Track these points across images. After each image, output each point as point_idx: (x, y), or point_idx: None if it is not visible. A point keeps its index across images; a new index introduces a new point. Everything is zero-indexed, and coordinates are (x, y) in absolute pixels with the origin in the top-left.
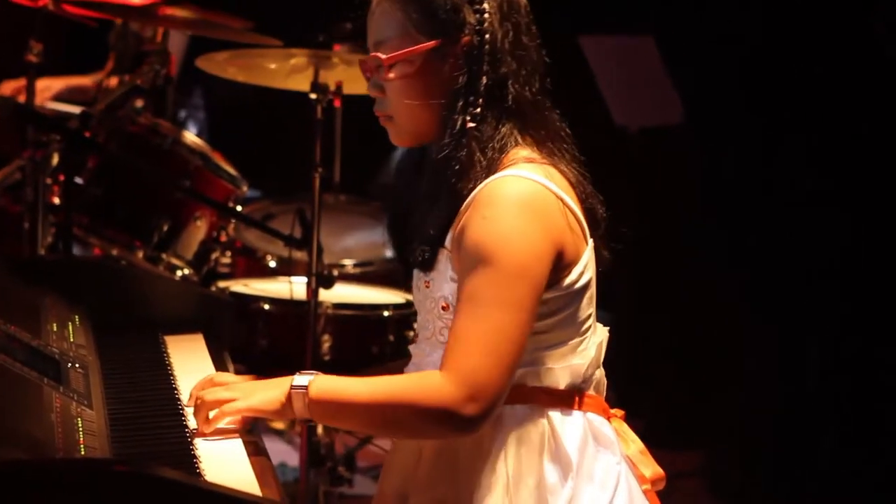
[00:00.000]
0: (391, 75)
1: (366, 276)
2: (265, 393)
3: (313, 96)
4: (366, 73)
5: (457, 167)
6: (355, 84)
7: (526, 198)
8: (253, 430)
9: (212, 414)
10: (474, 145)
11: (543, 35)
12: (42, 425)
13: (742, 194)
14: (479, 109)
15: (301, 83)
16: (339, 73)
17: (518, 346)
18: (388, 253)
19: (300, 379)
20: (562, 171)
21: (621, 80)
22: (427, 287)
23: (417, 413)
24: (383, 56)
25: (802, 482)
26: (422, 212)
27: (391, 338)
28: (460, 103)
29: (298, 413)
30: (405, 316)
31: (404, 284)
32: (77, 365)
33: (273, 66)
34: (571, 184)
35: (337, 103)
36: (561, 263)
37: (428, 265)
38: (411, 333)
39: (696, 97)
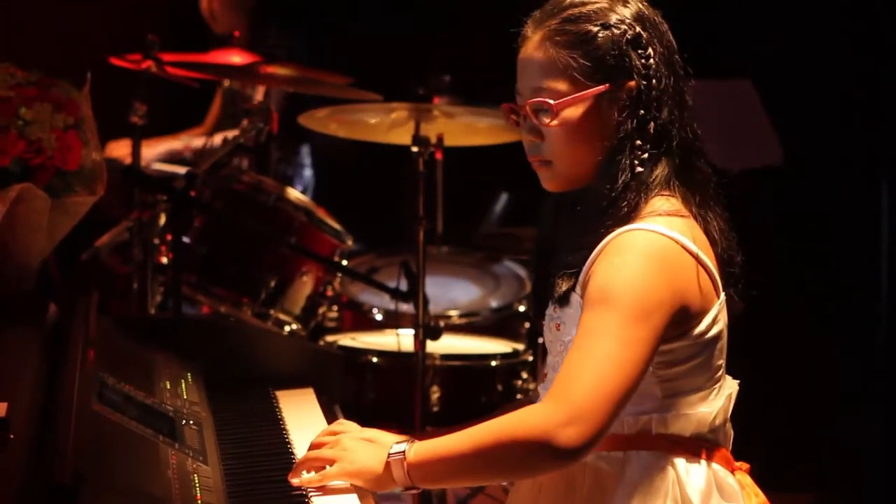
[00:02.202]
0: (557, 121)
1: (472, 327)
2: (364, 461)
3: (415, 149)
4: (512, 114)
5: (625, 208)
6: (456, 136)
7: (654, 250)
8: None
9: (316, 474)
10: (641, 189)
11: None
12: (160, 482)
13: (847, 235)
14: (646, 154)
15: (402, 137)
16: (440, 126)
17: (627, 381)
18: (494, 303)
19: (397, 446)
20: (701, 222)
21: (719, 123)
22: (558, 329)
23: (516, 444)
24: (552, 101)
25: None
26: (567, 250)
27: (499, 387)
28: (628, 147)
29: (399, 481)
30: (513, 365)
31: (510, 333)
32: (191, 421)
33: (374, 120)
34: (710, 235)
35: (438, 155)
36: (685, 316)
37: (564, 300)
38: (519, 382)
39: (797, 139)
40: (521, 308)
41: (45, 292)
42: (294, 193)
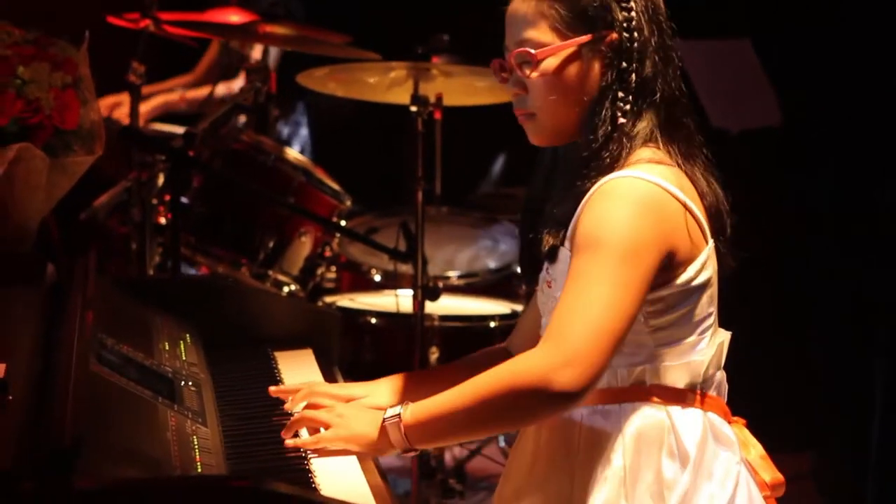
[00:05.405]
0: (538, 72)
1: (471, 288)
2: (360, 427)
3: (413, 109)
4: (501, 71)
5: (608, 160)
6: (455, 95)
7: (640, 195)
8: None
9: (311, 437)
10: (625, 140)
11: None
12: (158, 444)
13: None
14: (628, 106)
15: (401, 96)
16: (439, 85)
17: (619, 322)
18: (493, 264)
19: (392, 409)
20: (687, 173)
21: (718, 83)
22: (549, 287)
23: (514, 391)
24: (533, 51)
25: None
26: (553, 205)
27: None
28: (609, 99)
29: (397, 444)
30: (511, 326)
31: (508, 294)
32: (190, 383)
33: (372, 79)
34: (695, 186)
35: (437, 115)
36: (673, 262)
37: (552, 255)
38: None
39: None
40: (520, 269)
41: (43, 252)
42: (293, 153)
